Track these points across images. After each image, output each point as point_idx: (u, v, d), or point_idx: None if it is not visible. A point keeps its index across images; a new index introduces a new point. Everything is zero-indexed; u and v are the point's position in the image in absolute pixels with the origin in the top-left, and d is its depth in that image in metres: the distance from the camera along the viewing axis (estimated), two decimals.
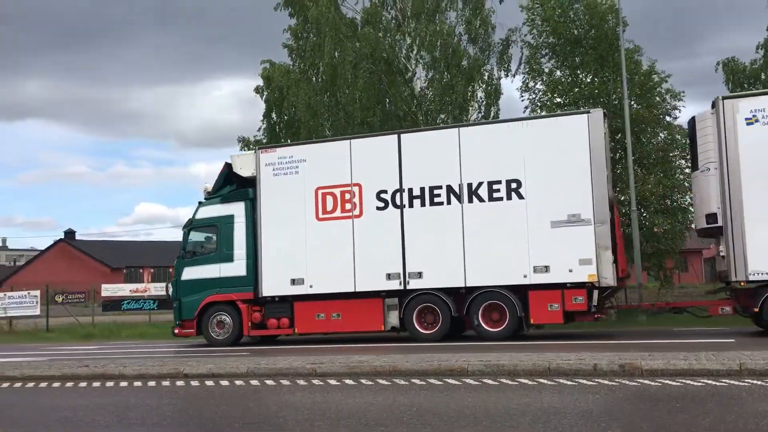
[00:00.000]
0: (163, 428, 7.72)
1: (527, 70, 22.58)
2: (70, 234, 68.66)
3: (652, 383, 8.66)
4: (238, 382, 10.40)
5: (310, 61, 25.60)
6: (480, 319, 14.94)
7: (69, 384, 11.23)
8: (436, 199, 15.44)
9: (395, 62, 23.93)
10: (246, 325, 16.61)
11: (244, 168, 17.08)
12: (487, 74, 24.87)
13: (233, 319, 16.70)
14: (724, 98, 14.06)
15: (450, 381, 9.51)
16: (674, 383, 8.59)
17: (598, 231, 14.27)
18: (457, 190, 15.28)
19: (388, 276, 15.53)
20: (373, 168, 15.95)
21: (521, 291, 14.74)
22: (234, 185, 17.40)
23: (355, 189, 15.99)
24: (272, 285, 16.42)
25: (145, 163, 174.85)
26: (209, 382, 10.56)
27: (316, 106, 24.03)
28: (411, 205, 15.59)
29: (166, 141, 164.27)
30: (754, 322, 14.27)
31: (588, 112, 14.83)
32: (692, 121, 14.85)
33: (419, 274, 15.38)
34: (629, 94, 19.69)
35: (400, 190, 15.67)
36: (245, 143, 27.68)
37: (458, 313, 15.11)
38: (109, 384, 10.98)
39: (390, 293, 15.60)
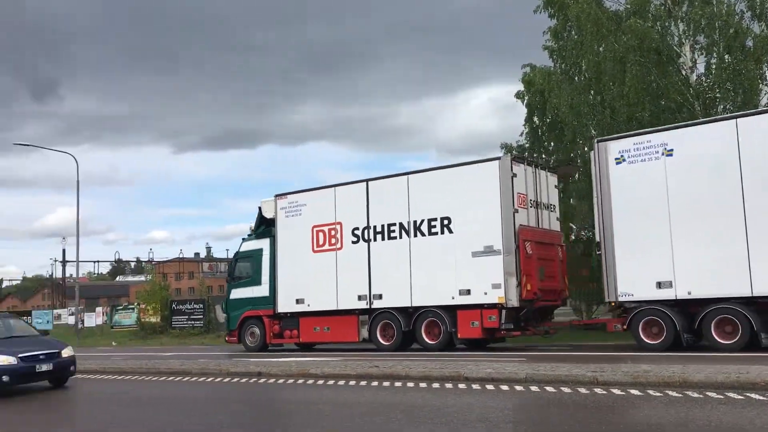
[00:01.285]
0: (439, 426, 7.99)
1: None
2: None
3: None
4: (518, 388, 10.38)
5: (572, 60, 24.83)
6: (423, 333, 18.08)
7: (363, 382, 12.02)
8: (392, 234, 18.83)
9: (666, 51, 22.30)
10: (269, 335, 21.12)
11: (267, 212, 21.66)
12: None
13: (260, 330, 21.31)
14: (598, 141, 15.99)
15: (752, 396, 8.68)
16: None
17: (505, 260, 16.82)
18: (406, 227, 18.56)
19: (359, 297, 19.16)
20: (350, 209, 19.67)
21: (452, 310, 17.64)
22: (265, 225, 22.04)
23: (338, 227, 19.85)
24: (285, 304, 20.76)
25: None
26: (489, 386, 10.67)
27: (580, 106, 23.35)
28: (375, 239, 19.11)
29: (429, 152, 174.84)
30: None
31: (498, 158, 17.39)
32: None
33: (380, 296, 18.85)
34: None
35: (368, 227, 19.26)
36: (508, 149, 27.95)
37: (408, 328, 18.33)
38: (398, 384, 11.56)
39: (361, 311, 19.22)
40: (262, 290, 21.45)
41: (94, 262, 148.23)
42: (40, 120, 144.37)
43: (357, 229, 19.47)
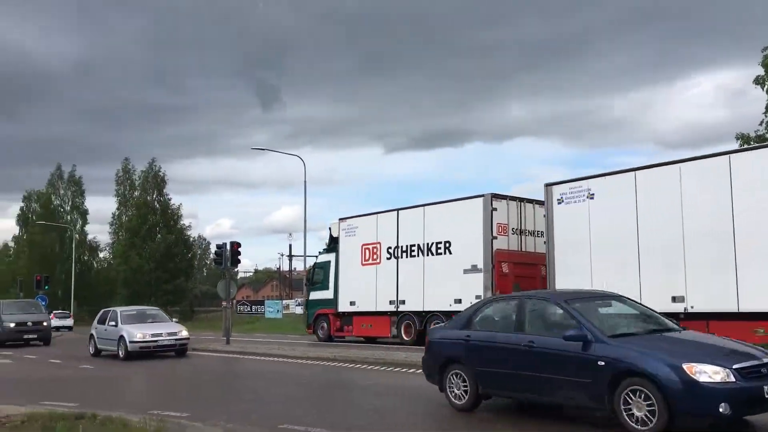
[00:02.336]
0: None
1: None
2: None
3: None
4: None
5: None
6: None
7: None
8: (413, 253, 23.88)
9: None
10: (333, 329, 26.93)
11: (334, 232, 27.48)
12: None
13: (327, 325, 27.21)
14: (546, 185, 20.01)
15: None
16: None
17: (484, 276, 21.36)
18: (422, 247, 23.54)
19: (390, 302, 24.41)
20: (386, 232, 24.95)
21: (450, 315, 22.28)
22: (333, 242, 27.88)
23: (378, 245, 25.21)
24: (343, 305, 26.46)
25: None
26: None
27: None
28: (401, 257, 24.26)
29: (644, 146, 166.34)
30: None
31: (482, 196, 21.84)
32: None
33: (404, 302, 23.98)
34: None
35: (398, 246, 24.44)
36: (744, 140, 26.68)
37: (421, 328, 23.30)
38: None
39: (392, 313, 24.46)
40: (329, 294, 27.31)
41: (315, 256, 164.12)
42: (267, 126, 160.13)
43: (390, 248, 24.73)
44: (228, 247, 25.64)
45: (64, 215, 75.67)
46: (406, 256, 24.15)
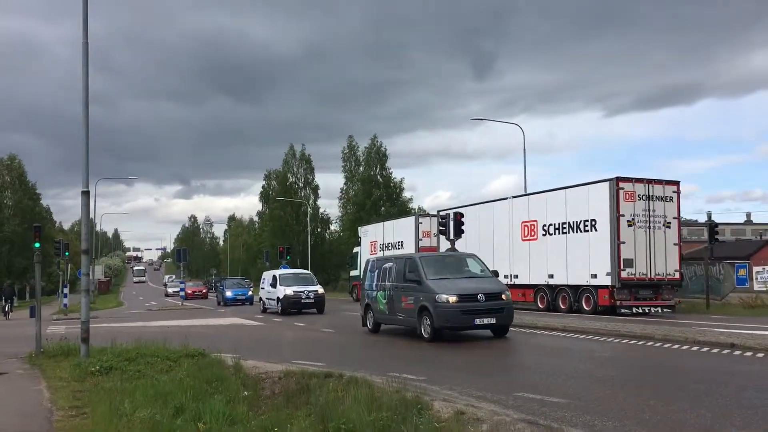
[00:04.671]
0: None
1: None
2: None
3: None
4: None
5: None
6: None
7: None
8: (388, 248, 38.86)
9: None
10: (359, 294, 42.58)
11: (359, 233, 43.01)
12: None
13: (356, 292, 42.98)
14: (441, 210, 34.21)
15: None
16: None
17: None
18: (392, 245, 38.49)
19: None
20: (378, 234, 40.08)
21: None
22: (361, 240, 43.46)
23: (376, 242, 40.45)
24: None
25: None
26: None
27: None
28: (384, 250, 39.29)
29: None
30: None
31: (414, 215, 36.35)
32: None
33: None
34: None
35: (383, 243, 39.52)
36: None
37: None
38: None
39: None
40: (357, 272, 42.86)
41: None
42: (482, 96, 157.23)
43: (381, 244, 39.89)
44: (452, 217, 26.53)
45: (298, 191, 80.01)
46: (386, 249, 39.23)
